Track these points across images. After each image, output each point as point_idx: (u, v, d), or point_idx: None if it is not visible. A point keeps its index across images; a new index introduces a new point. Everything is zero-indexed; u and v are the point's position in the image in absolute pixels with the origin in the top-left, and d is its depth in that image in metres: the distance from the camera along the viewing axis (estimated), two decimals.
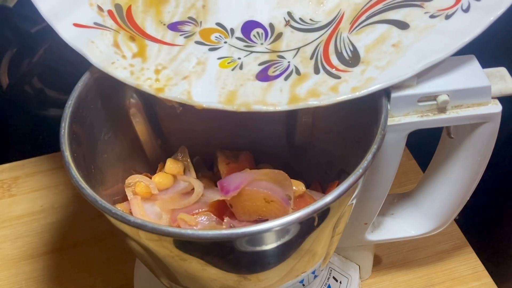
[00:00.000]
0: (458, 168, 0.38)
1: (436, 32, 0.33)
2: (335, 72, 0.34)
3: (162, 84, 0.34)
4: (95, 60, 0.34)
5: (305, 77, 0.34)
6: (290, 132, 0.43)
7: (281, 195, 0.35)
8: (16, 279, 0.50)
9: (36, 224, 0.54)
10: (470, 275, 0.48)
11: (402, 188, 0.54)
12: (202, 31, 0.38)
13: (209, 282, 0.33)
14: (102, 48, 0.35)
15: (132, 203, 0.37)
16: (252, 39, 0.37)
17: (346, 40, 0.35)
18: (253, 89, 0.34)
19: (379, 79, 0.32)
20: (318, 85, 0.33)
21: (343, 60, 0.34)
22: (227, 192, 0.34)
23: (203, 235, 0.28)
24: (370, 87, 0.32)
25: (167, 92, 0.34)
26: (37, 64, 0.69)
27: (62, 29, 0.35)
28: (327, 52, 0.35)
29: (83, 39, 0.35)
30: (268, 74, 0.35)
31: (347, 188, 0.29)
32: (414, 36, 0.33)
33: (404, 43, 0.33)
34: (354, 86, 0.32)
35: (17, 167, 0.60)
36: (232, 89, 0.34)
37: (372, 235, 0.43)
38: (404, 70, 0.32)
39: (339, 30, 0.36)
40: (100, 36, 0.35)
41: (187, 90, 0.34)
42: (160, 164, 0.41)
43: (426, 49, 0.32)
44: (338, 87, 0.33)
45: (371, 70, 0.33)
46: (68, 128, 0.33)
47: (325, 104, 0.32)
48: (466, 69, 0.34)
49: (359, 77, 0.33)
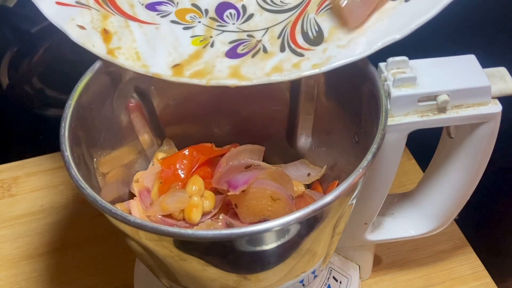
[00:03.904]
0: (458, 168, 0.38)
1: (396, 14, 0.34)
2: (299, 50, 0.35)
3: (137, 59, 0.36)
4: (74, 36, 0.36)
5: (271, 55, 0.36)
6: (290, 131, 0.43)
7: (286, 193, 0.35)
8: (16, 279, 0.50)
9: (36, 224, 0.54)
10: (470, 275, 0.48)
11: (402, 188, 0.54)
12: (178, 11, 0.39)
13: (209, 282, 0.33)
14: (81, 25, 0.36)
15: (132, 205, 0.37)
16: (225, 19, 0.39)
17: (312, 21, 0.36)
18: (222, 65, 0.36)
19: (338, 57, 0.34)
20: (282, 62, 0.35)
21: (308, 40, 0.36)
22: (236, 187, 0.34)
23: (203, 235, 0.28)
24: (329, 64, 0.34)
25: (140, 67, 0.36)
26: (37, 64, 0.69)
27: (45, 6, 0.36)
28: (293, 32, 0.37)
29: (64, 16, 0.36)
30: (237, 52, 0.37)
31: (347, 188, 0.29)
32: (376, 17, 0.34)
33: (365, 25, 0.34)
34: (315, 63, 0.34)
35: (17, 167, 0.60)
36: (202, 66, 0.36)
37: (372, 235, 0.43)
38: (363, 48, 0.33)
39: (307, 11, 0.37)
40: (80, 14, 0.36)
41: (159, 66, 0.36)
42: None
43: (385, 29, 0.34)
44: (300, 64, 0.34)
45: (332, 48, 0.34)
46: (68, 128, 0.33)
47: (287, 79, 0.34)
48: (466, 69, 0.34)
49: (321, 55, 0.34)
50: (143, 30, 0.37)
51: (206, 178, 0.39)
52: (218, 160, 0.40)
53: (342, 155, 0.39)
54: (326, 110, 0.40)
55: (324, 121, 0.41)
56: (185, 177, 0.39)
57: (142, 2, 0.39)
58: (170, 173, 0.39)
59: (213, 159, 0.40)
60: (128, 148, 0.40)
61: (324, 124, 0.41)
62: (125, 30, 0.37)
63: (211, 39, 0.38)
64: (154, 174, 0.39)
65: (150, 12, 0.39)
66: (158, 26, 0.38)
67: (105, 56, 0.36)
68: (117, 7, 0.38)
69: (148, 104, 0.40)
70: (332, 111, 0.40)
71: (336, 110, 0.39)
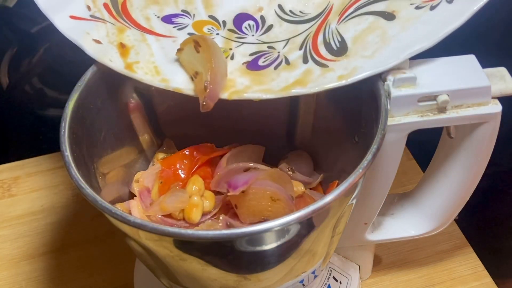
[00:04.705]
0: (458, 168, 0.38)
1: (421, 22, 0.34)
2: (323, 62, 0.35)
3: (156, 74, 0.35)
4: (90, 51, 0.35)
5: (294, 66, 0.35)
6: (290, 132, 0.43)
7: (286, 194, 0.35)
8: (16, 279, 0.50)
9: (36, 224, 0.54)
10: (470, 275, 0.48)
11: (402, 188, 0.54)
12: (195, 23, 0.39)
13: (209, 282, 0.33)
14: (97, 40, 0.35)
15: (132, 205, 0.37)
16: (244, 31, 0.38)
17: (335, 31, 0.36)
18: (243, 79, 0.35)
19: (364, 68, 0.33)
20: (306, 74, 0.34)
21: (331, 50, 0.35)
22: (235, 188, 0.34)
23: (203, 235, 0.28)
24: (356, 75, 0.33)
25: (159, 82, 0.35)
26: (37, 64, 0.69)
27: (59, 21, 0.35)
28: (315, 43, 0.36)
29: (79, 30, 0.35)
30: (258, 64, 0.36)
31: (347, 188, 0.29)
32: (400, 26, 0.34)
33: (390, 34, 0.34)
34: (341, 75, 0.33)
35: (17, 167, 0.60)
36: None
37: (372, 235, 0.43)
38: (389, 59, 0.33)
39: (328, 21, 0.37)
40: (95, 28, 0.36)
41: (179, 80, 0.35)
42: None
43: (410, 38, 0.33)
44: (326, 75, 0.34)
45: (357, 59, 0.34)
46: (68, 128, 0.33)
47: (313, 91, 0.33)
48: (466, 69, 0.34)
49: (346, 66, 0.33)
50: (160, 44, 0.37)
51: (206, 178, 0.39)
52: (218, 160, 0.40)
53: (342, 155, 0.39)
54: (326, 110, 0.40)
55: (324, 121, 0.41)
56: (185, 177, 0.39)
57: (158, 15, 0.38)
58: (170, 173, 0.39)
59: (213, 159, 0.40)
60: (128, 148, 0.40)
61: (324, 124, 0.41)
62: (142, 43, 0.36)
63: (231, 51, 0.37)
64: (154, 174, 0.39)
65: (167, 25, 0.38)
66: (176, 39, 0.37)
67: (123, 71, 0.35)
68: (132, 21, 0.37)
69: (148, 104, 0.40)
70: (332, 111, 0.40)
71: (336, 110, 0.39)
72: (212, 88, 0.33)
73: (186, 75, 0.35)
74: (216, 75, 0.33)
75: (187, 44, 0.35)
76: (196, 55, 0.34)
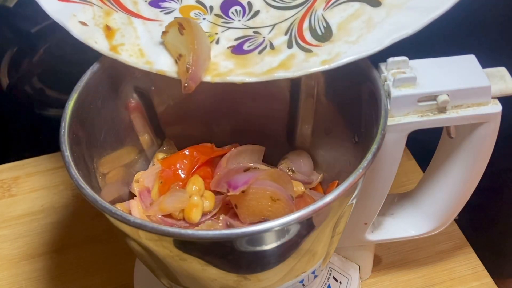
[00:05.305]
0: (458, 168, 0.38)
1: (407, 8, 0.34)
2: (307, 47, 0.35)
3: (140, 56, 0.35)
4: (76, 32, 0.35)
5: (278, 51, 0.35)
6: (290, 132, 0.43)
7: (286, 194, 0.35)
8: (16, 279, 0.50)
9: (36, 224, 0.54)
10: (470, 275, 0.48)
11: (402, 188, 0.54)
12: (182, 8, 0.39)
13: (209, 282, 0.33)
14: (83, 22, 0.36)
15: (132, 205, 0.37)
16: (230, 16, 0.39)
17: (320, 17, 0.36)
18: (228, 62, 0.35)
19: (348, 53, 0.33)
20: (290, 58, 0.34)
21: (316, 36, 0.35)
22: (235, 188, 0.34)
23: (203, 235, 0.28)
24: (339, 60, 0.33)
25: (144, 64, 0.35)
26: (37, 64, 0.69)
27: (46, 3, 0.36)
28: (301, 28, 0.36)
29: (66, 12, 0.36)
30: (243, 48, 0.36)
31: (347, 188, 0.29)
32: (385, 12, 0.34)
33: (375, 20, 0.34)
34: (324, 59, 0.33)
35: (17, 167, 0.60)
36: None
37: (372, 235, 0.43)
38: (373, 44, 0.33)
39: (314, 8, 0.37)
40: (82, 10, 0.36)
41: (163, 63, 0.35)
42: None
43: (395, 25, 0.33)
44: (309, 60, 0.34)
45: (341, 44, 0.34)
46: (68, 128, 0.33)
47: (296, 75, 0.33)
48: (466, 69, 0.34)
49: (330, 51, 0.34)
50: (146, 27, 0.37)
51: (206, 178, 0.39)
52: (218, 160, 0.40)
53: (342, 155, 0.39)
54: (326, 110, 0.40)
55: (324, 121, 0.41)
56: (185, 177, 0.39)
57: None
58: (170, 173, 0.39)
59: (214, 159, 0.40)
60: (128, 148, 0.40)
61: (324, 124, 0.41)
62: (128, 26, 0.36)
63: (216, 35, 0.38)
64: (154, 174, 0.39)
65: (154, 9, 0.38)
66: (162, 23, 0.37)
67: (108, 53, 0.35)
68: (120, 4, 0.38)
69: (148, 104, 0.40)
70: (332, 111, 0.40)
71: (336, 110, 0.39)
72: (194, 70, 0.33)
73: (171, 58, 0.35)
74: (198, 57, 0.33)
75: (172, 27, 0.35)
76: (180, 38, 0.35)
